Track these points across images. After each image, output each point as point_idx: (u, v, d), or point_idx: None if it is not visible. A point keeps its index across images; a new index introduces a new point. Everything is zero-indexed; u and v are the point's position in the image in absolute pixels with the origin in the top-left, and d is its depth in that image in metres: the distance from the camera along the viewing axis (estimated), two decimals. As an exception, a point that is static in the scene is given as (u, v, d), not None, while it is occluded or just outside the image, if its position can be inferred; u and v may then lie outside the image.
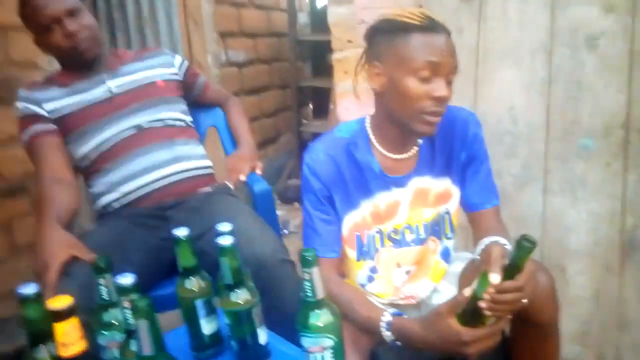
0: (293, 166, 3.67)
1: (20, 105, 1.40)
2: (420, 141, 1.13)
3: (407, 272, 1.18)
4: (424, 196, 1.14)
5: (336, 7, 1.97)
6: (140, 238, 1.31)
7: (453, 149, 1.13)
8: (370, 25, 1.06)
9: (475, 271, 0.99)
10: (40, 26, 1.35)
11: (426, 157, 1.13)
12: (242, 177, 1.52)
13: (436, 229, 1.17)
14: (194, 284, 0.91)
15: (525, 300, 0.86)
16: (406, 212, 1.14)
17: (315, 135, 3.45)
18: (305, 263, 0.74)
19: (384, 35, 1.02)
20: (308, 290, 0.76)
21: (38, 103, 1.38)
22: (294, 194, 3.26)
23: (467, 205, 1.17)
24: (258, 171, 1.56)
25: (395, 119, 1.05)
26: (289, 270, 1.18)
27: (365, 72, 1.07)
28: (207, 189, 1.47)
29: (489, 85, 1.67)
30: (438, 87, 0.97)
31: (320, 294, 0.76)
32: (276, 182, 3.48)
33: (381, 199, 1.13)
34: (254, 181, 1.53)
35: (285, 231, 2.75)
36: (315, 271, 0.75)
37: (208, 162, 1.53)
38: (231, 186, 1.51)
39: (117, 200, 1.39)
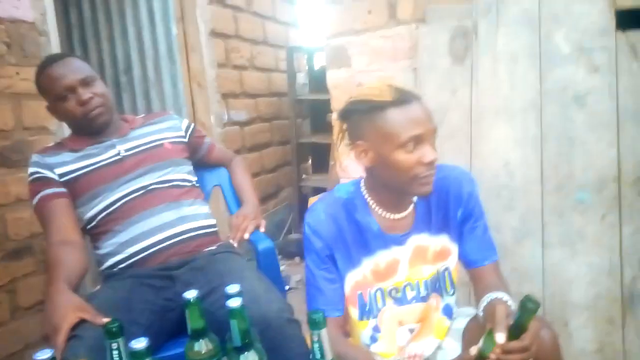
0: (293, 221, 3.70)
1: (32, 169, 1.44)
2: (414, 199, 1.16)
3: (411, 331, 1.19)
4: (423, 254, 1.16)
5: (335, 70, 2.08)
6: (146, 298, 1.32)
7: (449, 206, 1.16)
8: (344, 107, 1.11)
9: (479, 329, 1.00)
10: (55, 95, 1.42)
11: (422, 215, 1.16)
12: (246, 236, 1.55)
13: (437, 286, 1.18)
14: (202, 346, 0.92)
15: None
16: (406, 270, 1.16)
17: (315, 190, 3.52)
18: (314, 325, 0.76)
19: (361, 115, 1.05)
20: (317, 353, 0.77)
21: (50, 167, 1.43)
22: (294, 249, 3.26)
23: (466, 262, 1.19)
24: (262, 229, 1.59)
25: (390, 185, 1.09)
26: (295, 329, 1.19)
27: (350, 151, 1.10)
28: (212, 247, 1.49)
29: (484, 142, 1.73)
30: (426, 153, 1.01)
31: (329, 355, 0.78)
32: (277, 236, 3.50)
33: (381, 258, 1.15)
34: (258, 239, 1.56)
35: (287, 287, 2.74)
36: (323, 333, 0.77)
37: (213, 221, 1.56)
38: (235, 244, 1.54)
39: (123, 261, 1.41)
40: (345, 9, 2.00)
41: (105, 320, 1.11)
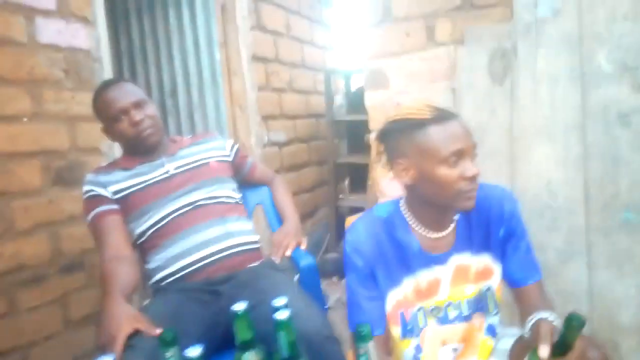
0: (331, 240, 3.72)
1: (87, 187, 1.52)
2: (456, 217, 1.17)
3: (454, 350, 1.18)
4: (465, 273, 1.16)
5: (373, 91, 2.12)
6: (194, 311, 1.36)
7: (490, 225, 1.16)
8: (383, 127, 1.14)
9: (525, 349, 0.99)
10: (110, 116, 1.51)
11: (463, 234, 1.16)
12: (288, 252, 1.58)
13: (480, 305, 1.18)
14: (251, 357, 0.95)
15: None
16: (447, 290, 1.16)
17: (352, 209, 3.54)
18: (361, 339, 0.78)
19: (402, 134, 1.07)
20: (364, 365, 0.79)
21: (103, 185, 1.51)
22: (332, 268, 3.27)
23: (510, 281, 1.18)
24: (303, 246, 1.63)
25: (433, 202, 1.10)
26: (335, 346, 1.20)
27: (388, 167, 1.13)
28: (255, 263, 1.53)
29: (525, 162, 1.72)
30: (468, 168, 1.02)
31: (375, 367, 0.79)
32: (314, 256, 3.52)
33: (422, 277, 1.15)
34: (299, 256, 1.59)
35: (325, 307, 2.75)
36: (370, 346, 0.78)
37: (256, 238, 1.61)
38: (277, 261, 1.57)
39: (171, 275, 1.47)
40: (384, 32, 2.05)
41: (159, 330, 1.17)
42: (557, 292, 1.59)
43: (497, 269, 1.18)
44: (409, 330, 1.15)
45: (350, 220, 1.27)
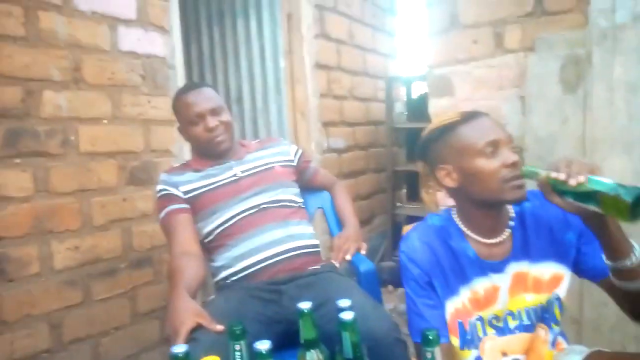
0: (387, 248, 3.69)
1: (160, 187, 1.61)
2: (512, 223, 1.14)
3: None
4: (524, 281, 1.13)
5: (437, 98, 2.10)
6: (255, 309, 1.40)
7: (553, 232, 1.12)
8: (420, 141, 1.17)
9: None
10: (187, 119, 1.59)
11: (520, 242, 1.14)
12: (348, 257, 1.59)
13: (545, 316, 1.14)
14: (314, 356, 0.96)
15: None
16: (506, 298, 1.13)
17: (409, 218, 3.50)
18: (428, 343, 0.78)
19: (437, 141, 1.11)
20: (430, 369, 0.79)
21: (176, 185, 1.59)
22: (387, 276, 3.26)
23: (597, 274, 1.10)
24: (363, 251, 1.63)
25: (483, 201, 1.09)
26: (402, 349, 1.20)
27: (435, 181, 1.15)
28: (316, 266, 1.56)
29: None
30: (507, 156, 1.03)
31: (442, 373, 0.79)
32: (370, 264, 3.51)
33: (479, 285, 1.13)
34: (359, 261, 1.60)
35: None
36: (437, 351, 0.78)
37: (317, 242, 1.63)
38: (337, 265, 1.59)
39: (235, 273, 1.52)
40: (450, 39, 2.03)
41: (220, 327, 1.21)
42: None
43: (566, 275, 1.14)
44: (468, 340, 1.14)
45: (407, 229, 1.27)
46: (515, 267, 1.13)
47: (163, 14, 2.18)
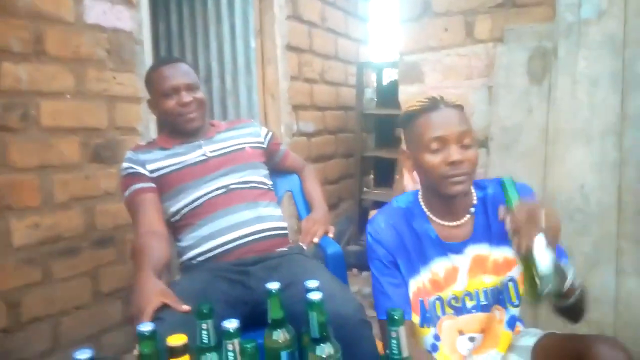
0: (353, 233, 3.73)
1: (126, 164, 1.57)
2: (472, 209, 1.19)
3: (471, 340, 1.19)
4: (483, 263, 1.18)
5: (407, 85, 2.12)
6: (222, 290, 1.40)
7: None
8: (399, 119, 1.22)
9: (554, 348, 1.01)
10: (161, 91, 1.55)
11: (481, 225, 1.18)
12: (316, 239, 1.60)
13: (500, 297, 1.19)
14: (281, 336, 0.97)
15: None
16: (465, 279, 1.18)
17: (376, 203, 3.54)
18: (393, 322, 0.80)
19: (405, 125, 1.18)
20: (394, 349, 0.80)
21: (142, 164, 1.55)
22: (353, 260, 3.29)
23: None
24: (330, 234, 1.65)
25: (428, 187, 1.17)
26: (368, 330, 1.22)
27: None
28: (283, 248, 1.56)
29: (559, 163, 1.71)
30: (450, 154, 1.08)
31: (406, 352, 0.81)
32: (336, 248, 3.54)
33: (439, 266, 1.18)
34: (327, 244, 1.62)
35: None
36: (401, 330, 0.80)
37: (285, 224, 1.63)
38: (305, 247, 1.60)
39: (202, 254, 1.51)
40: (421, 26, 2.05)
41: (185, 307, 1.21)
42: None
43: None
44: (427, 318, 1.18)
45: (373, 214, 1.31)
46: (475, 250, 1.18)
47: (131, -14, 2.12)
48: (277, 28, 2.85)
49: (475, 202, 1.20)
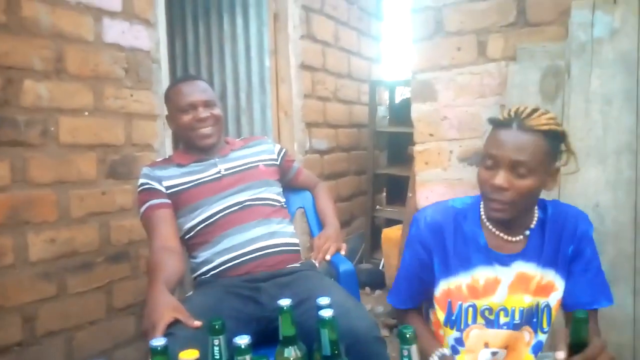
0: (365, 250, 3.72)
1: (142, 180, 1.59)
2: (528, 232, 1.17)
3: (494, 354, 1.17)
4: (527, 282, 1.15)
5: (420, 103, 2.12)
6: (233, 306, 1.40)
7: (561, 242, 1.16)
8: None
9: None
10: (179, 106, 1.59)
11: (535, 244, 1.16)
12: (328, 257, 1.61)
13: (534, 320, 1.17)
14: (292, 353, 0.97)
15: None
16: (505, 293, 1.15)
17: (388, 221, 3.53)
18: (405, 341, 0.79)
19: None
20: (406, 366, 0.80)
21: (158, 180, 1.57)
22: (365, 278, 3.27)
23: (571, 303, 1.16)
24: (343, 252, 1.65)
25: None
26: (382, 348, 1.22)
27: None
28: (295, 264, 1.57)
29: (574, 182, 1.70)
30: (495, 176, 1.06)
31: (417, 370, 0.81)
32: (348, 265, 3.52)
33: (481, 274, 1.16)
34: (339, 261, 1.62)
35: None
36: (413, 349, 0.80)
37: (297, 241, 1.64)
38: (317, 264, 1.60)
39: (214, 268, 1.51)
40: (434, 45, 2.06)
41: (197, 323, 1.21)
42: (599, 318, 1.55)
43: (560, 287, 1.17)
44: (451, 321, 1.17)
45: (387, 232, 1.32)
46: (522, 267, 1.16)
47: (148, 7, 2.17)
48: (291, 47, 2.90)
49: (534, 223, 1.17)
